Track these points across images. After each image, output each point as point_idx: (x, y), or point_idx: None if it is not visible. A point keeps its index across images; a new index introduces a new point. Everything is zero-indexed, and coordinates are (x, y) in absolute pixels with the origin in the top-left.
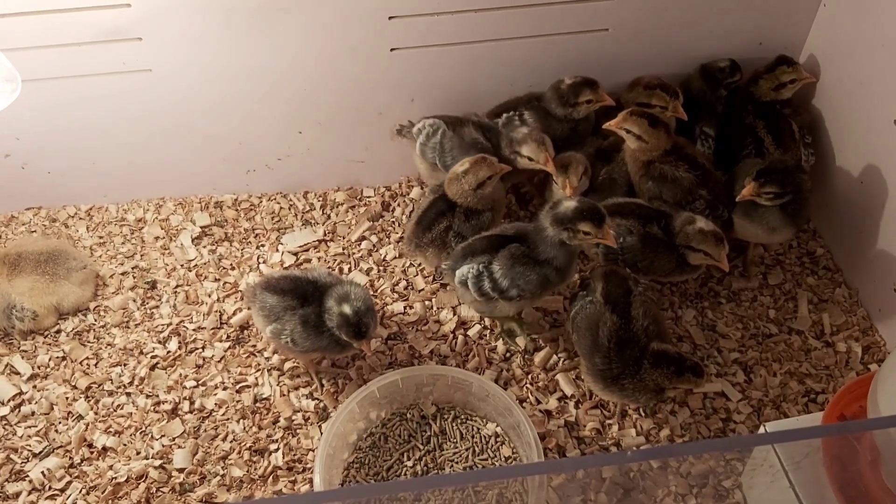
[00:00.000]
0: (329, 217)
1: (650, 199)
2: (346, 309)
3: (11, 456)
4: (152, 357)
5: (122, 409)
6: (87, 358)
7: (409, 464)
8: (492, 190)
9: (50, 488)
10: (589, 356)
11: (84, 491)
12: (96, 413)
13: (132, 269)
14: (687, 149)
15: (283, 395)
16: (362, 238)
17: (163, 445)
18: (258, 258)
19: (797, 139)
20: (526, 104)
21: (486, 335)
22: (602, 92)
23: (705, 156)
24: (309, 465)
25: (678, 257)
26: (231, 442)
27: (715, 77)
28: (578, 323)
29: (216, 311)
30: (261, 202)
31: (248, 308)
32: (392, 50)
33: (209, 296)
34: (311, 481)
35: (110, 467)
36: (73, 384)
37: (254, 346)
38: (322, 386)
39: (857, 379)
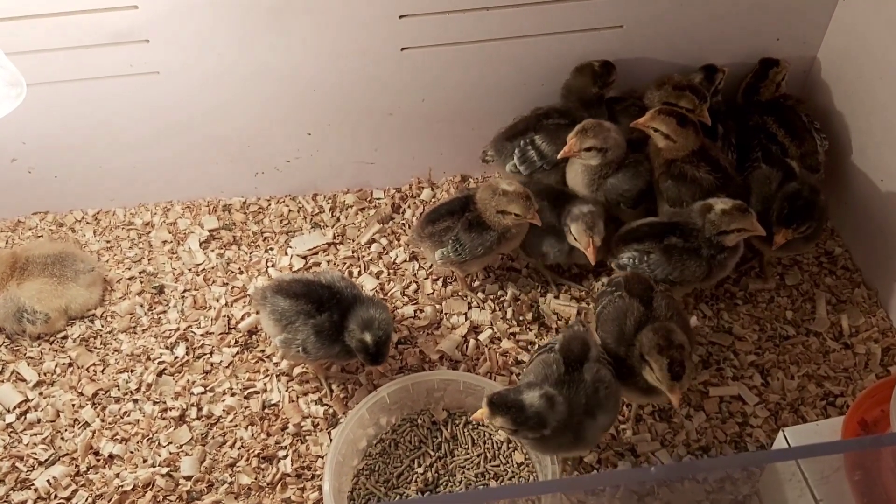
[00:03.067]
0: (338, 219)
1: (669, 200)
2: (367, 338)
3: (17, 464)
4: (159, 363)
5: (128, 415)
6: (94, 364)
7: (420, 470)
8: (510, 224)
9: (56, 497)
10: (615, 346)
11: (90, 499)
12: (103, 420)
13: (139, 273)
14: (711, 151)
15: (292, 400)
16: (372, 241)
17: (170, 453)
18: (267, 262)
19: (808, 127)
20: (535, 125)
21: (497, 340)
22: None
23: (728, 160)
24: (318, 472)
25: (707, 260)
26: (239, 449)
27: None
28: (605, 317)
29: (224, 316)
30: (269, 205)
31: (257, 312)
32: (402, 49)
33: (217, 300)
34: (320, 488)
35: (117, 475)
36: (80, 391)
37: (262, 351)
38: (331, 391)
39: (879, 382)
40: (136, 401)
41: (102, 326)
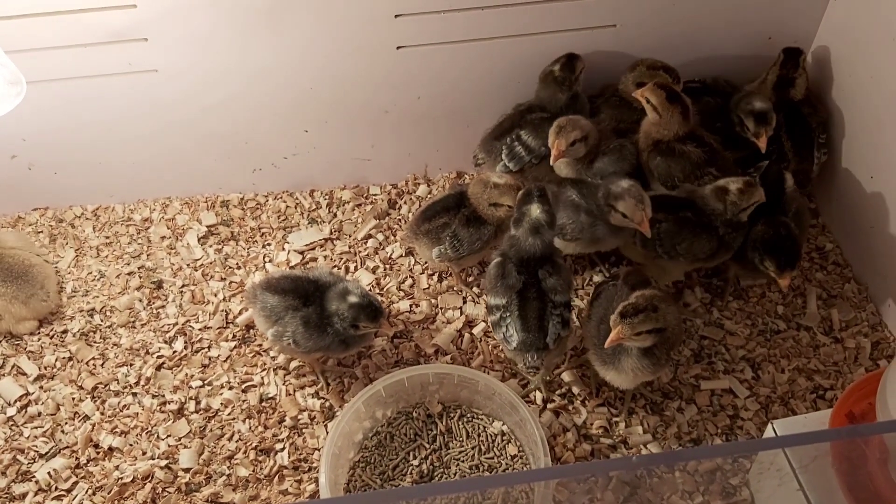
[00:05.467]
0: (335, 215)
1: (660, 177)
2: (354, 298)
3: (18, 457)
4: (158, 357)
5: (128, 409)
6: (94, 358)
7: (415, 463)
8: (503, 216)
9: (56, 489)
10: (596, 325)
11: (90, 491)
12: (102, 413)
13: (138, 268)
14: (695, 130)
15: (289, 394)
16: (368, 236)
17: (169, 445)
18: (264, 257)
19: (813, 145)
20: (519, 121)
21: (491, 333)
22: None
23: (713, 137)
24: (315, 465)
25: (719, 238)
26: (237, 442)
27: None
28: (597, 300)
29: (222, 311)
30: (267, 201)
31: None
32: (398, 48)
33: (215, 295)
34: (316, 481)
35: (116, 467)
36: (80, 384)
37: (259, 345)
38: (328, 385)
39: (866, 376)
40: (135, 394)
41: (102, 321)
